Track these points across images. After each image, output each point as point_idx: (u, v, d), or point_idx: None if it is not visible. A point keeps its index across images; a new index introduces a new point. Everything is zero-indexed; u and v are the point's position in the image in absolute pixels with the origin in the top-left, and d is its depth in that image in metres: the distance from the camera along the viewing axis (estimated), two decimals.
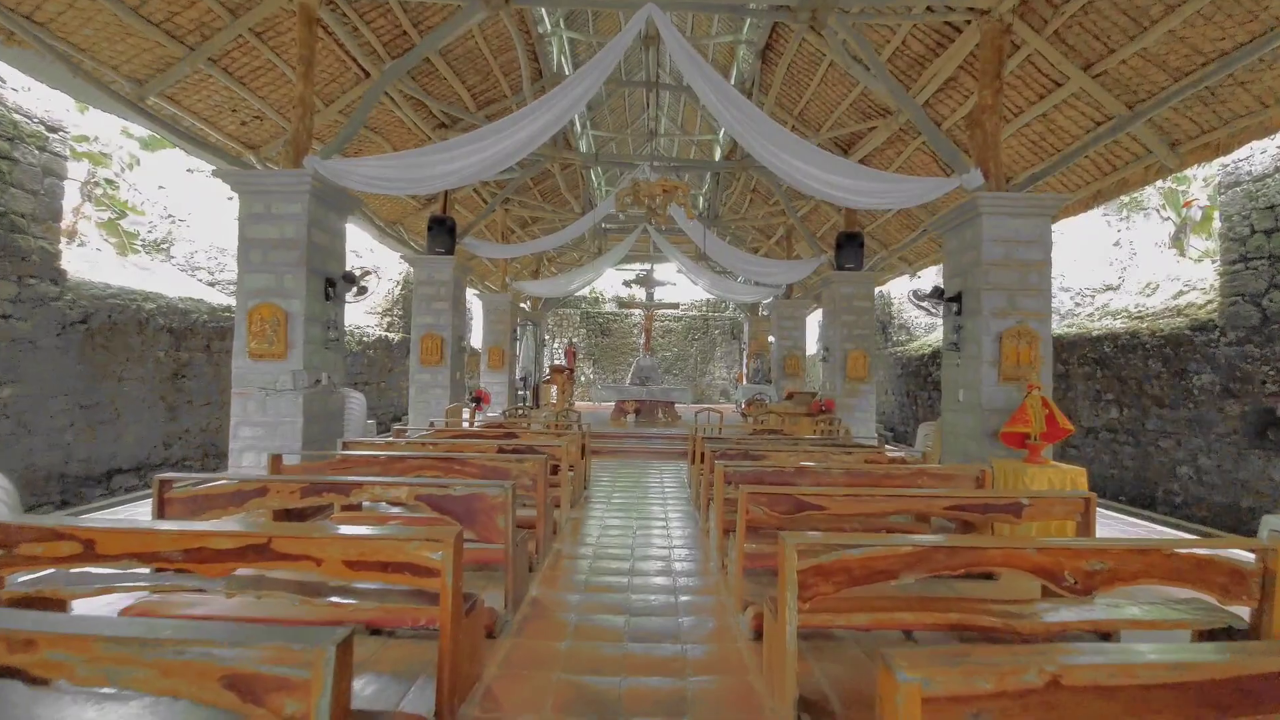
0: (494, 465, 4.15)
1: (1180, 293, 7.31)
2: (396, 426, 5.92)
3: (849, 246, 9.28)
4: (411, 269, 9.83)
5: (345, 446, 4.97)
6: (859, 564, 2.30)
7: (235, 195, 5.28)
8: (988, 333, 5.26)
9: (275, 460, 4.26)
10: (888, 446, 7.18)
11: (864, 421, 9.17)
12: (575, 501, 6.10)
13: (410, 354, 9.02)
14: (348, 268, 5.60)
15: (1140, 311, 7.57)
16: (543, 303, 17.92)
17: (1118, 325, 7.51)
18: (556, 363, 18.82)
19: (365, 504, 4.44)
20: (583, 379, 21.60)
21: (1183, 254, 9.39)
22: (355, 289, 5.42)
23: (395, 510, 4.54)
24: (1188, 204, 9.17)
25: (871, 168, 7.36)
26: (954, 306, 5.58)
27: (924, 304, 5.72)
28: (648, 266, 16.73)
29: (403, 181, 5.40)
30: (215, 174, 5.25)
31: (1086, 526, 3.38)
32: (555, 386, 13.49)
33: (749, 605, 3.22)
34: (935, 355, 12.54)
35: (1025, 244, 5.33)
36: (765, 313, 17.24)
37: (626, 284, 15.76)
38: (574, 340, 21.92)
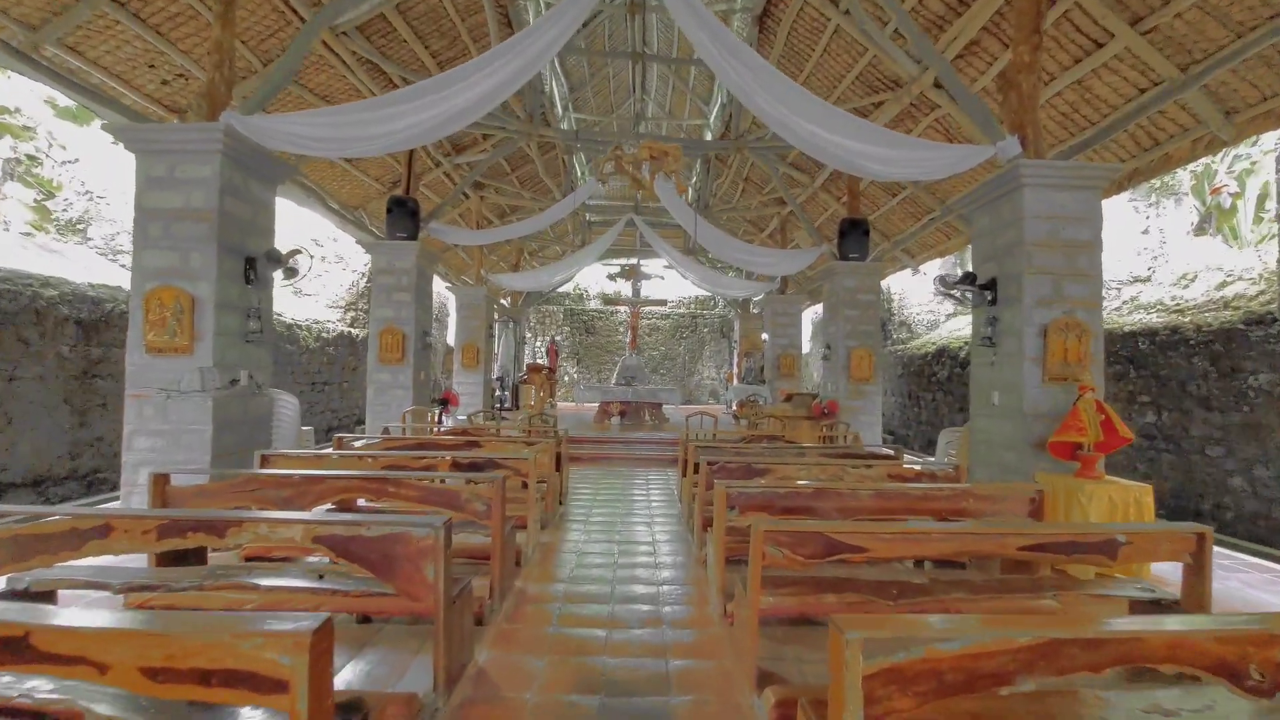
0: (438, 488, 3.30)
1: (1224, 283, 6.62)
2: (336, 435, 5.03)
3: (853, 235, 8.52)
4: (370, 257, 8.89)
5: (264, 461, 4.08)
6: (954, 664, 1.49)
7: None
8: (1030, 325, 4.51)
9: (159, 481, 3.37)
10: (908, 457, 6.41)
11: (870, 426, 8.40)
12: (548, 521, 5.26)
13: (368, 351, 8.10)
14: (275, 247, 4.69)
15: (1178, 304, 6.87)
16: (523, 298, 17.01)
17: (1154, 319, 6.80)
18: (533, 361, 17.93)
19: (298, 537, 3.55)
20: (566, 379, 20.72)
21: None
22: (282, 270, 4.52)
23: None
24: (1215, 190, 8.52)
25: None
26: (987, 295, 4.82)
27: (953, 292, 4.95)
28: (634, 261, 15.90)
29: (339, 141, 4.51)
30: (105, 129, 4.32)
31: (1199, 571, 2.61)
32: (533, 386, 12.58)
33: (767, 682, 2.41)
34: (940, 354, 11.82)
35: (1073, 221, 4.59)
36: (757, 309, 16.46)
37: (611, 277, 14.91)
38: (557, 338, 21.02)
